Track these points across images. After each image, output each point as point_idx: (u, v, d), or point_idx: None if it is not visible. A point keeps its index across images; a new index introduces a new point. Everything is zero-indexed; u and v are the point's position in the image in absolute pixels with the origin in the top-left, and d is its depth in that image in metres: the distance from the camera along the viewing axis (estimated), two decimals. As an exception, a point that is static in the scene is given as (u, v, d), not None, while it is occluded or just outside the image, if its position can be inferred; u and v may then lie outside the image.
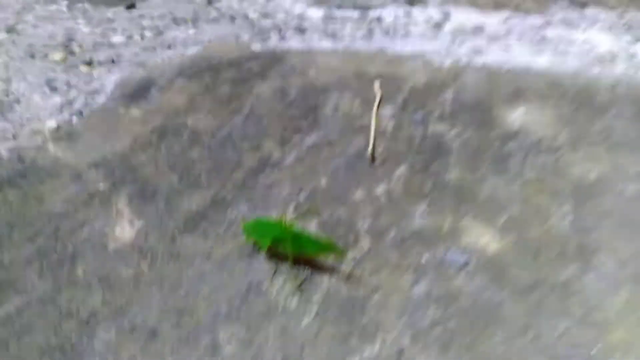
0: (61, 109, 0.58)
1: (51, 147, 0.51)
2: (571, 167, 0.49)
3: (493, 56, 0.67)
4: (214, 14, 0.80)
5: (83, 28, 0.76)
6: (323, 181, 0.48)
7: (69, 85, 0.62)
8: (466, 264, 0.40)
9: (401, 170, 0.49)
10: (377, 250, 0.41)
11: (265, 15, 0.79)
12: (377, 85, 0.60)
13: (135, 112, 0.56)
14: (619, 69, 0.65)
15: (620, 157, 0.50)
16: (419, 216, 0.44)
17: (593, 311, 0.37)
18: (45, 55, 0.69)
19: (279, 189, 0.47)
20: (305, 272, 0.39)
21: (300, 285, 0.38)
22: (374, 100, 0.58)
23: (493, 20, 0.77)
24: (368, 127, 0.54)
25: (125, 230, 0.43)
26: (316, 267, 0.40)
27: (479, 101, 0.58)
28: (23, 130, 0.55)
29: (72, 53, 0.69)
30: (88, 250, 0.42)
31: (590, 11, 0.82)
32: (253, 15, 0.79)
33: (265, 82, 0.61)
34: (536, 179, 0.48)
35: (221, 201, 0.46)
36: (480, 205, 0.45)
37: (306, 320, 0.37)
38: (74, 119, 0.56)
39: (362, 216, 0.44)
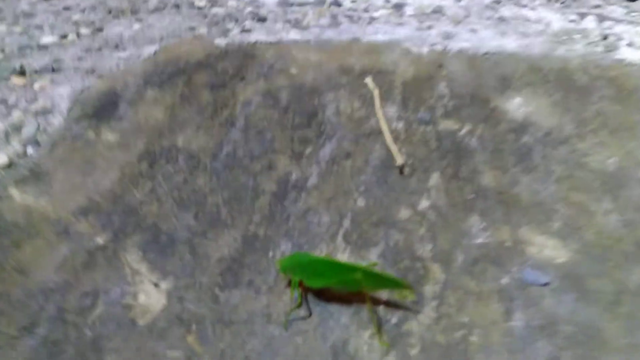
0: (7, 137, 0.43)
1: (16, 193, 0.37)
2: (588, 158, 0.46)
3: (464, 41, 0.62)
4: (154, 2, 0.66)
5: (-3, 27, 0.59)
6: (360, 202, 0.40)
7: (6, 104, 0.47)
8: (547, 283, 0.34)
9: (434, 179, 0.42)
10: (452, 279, 0.35)
11: (214, 2, 0.66)
12: (370, 82, 0.52)
13: (109, 136, 0.43)
14: (579, 47, 0.63)
15: (625, 143, 0.47)
16: (477, 232, 0.38)
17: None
18: (-40, 65, 0.52)
19: (316, 217, 0.38)
20: (387, 319, 0.32)
21: (381, 333, 0.31)
22: (371, 99, 0.50)
23: (448, 1, 0.71)
24: (378, 131, 0.46)
25: (151, 295, 0.32)
26: (395, 308, 0.32)
27: (473, 93, 0.52)
28: (-36, 171, 0.40)
29: (-7, 60, 0.53)
30: (112, 331, 0.30)
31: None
32: (200, 2, 0.66)
33: (247, 85, 0.51)
34: (566, 175, 0.43)
35: (254, 240, 0.36)
36: (527, 211, 0.40)
37: (412, 382, 0.30)
38: (30, 150, 0.42)
39: (419, 239, 0.37)
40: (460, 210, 0.39)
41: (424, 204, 0.40)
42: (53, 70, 0.51)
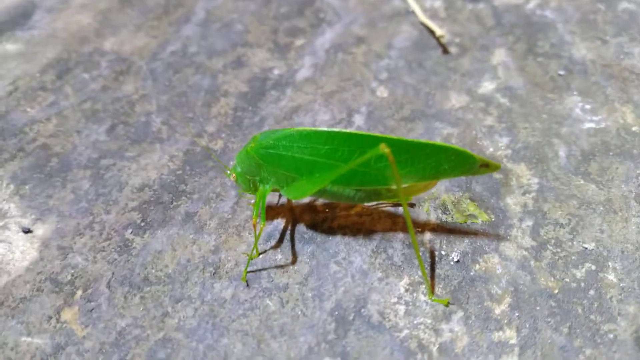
0: None
1: None
2: None
3: None
4: None
5: None
6: (381, 92, 0.25)
7: None
8: None
9: (500, 56, 0.27)
10: (553, 184, 0.20)
11: None
12: (388, -39, 0.38)
13: (9, 47, 0.31)
14: None
15: None
16: (582, 116, 0.23)
17: None
18: None
19: (309, 116, 0.24)
20: (442, 254, 0.17)
21: (433, 282, 0.16)
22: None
23: None
24: (405, 12, 0.32)
25: (15, 247, 0.19)
26: (454, 234, 0.18)
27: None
28: None
29: None
30: None
31: None
32: None
33: (216, -18, 0.38)
34: None
35: (205, 157, 0.23)
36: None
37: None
38: None
39: (487, 132, 0.22)
40: (548, 90, 0.25)
41: (487, 86, 0.25)
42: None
